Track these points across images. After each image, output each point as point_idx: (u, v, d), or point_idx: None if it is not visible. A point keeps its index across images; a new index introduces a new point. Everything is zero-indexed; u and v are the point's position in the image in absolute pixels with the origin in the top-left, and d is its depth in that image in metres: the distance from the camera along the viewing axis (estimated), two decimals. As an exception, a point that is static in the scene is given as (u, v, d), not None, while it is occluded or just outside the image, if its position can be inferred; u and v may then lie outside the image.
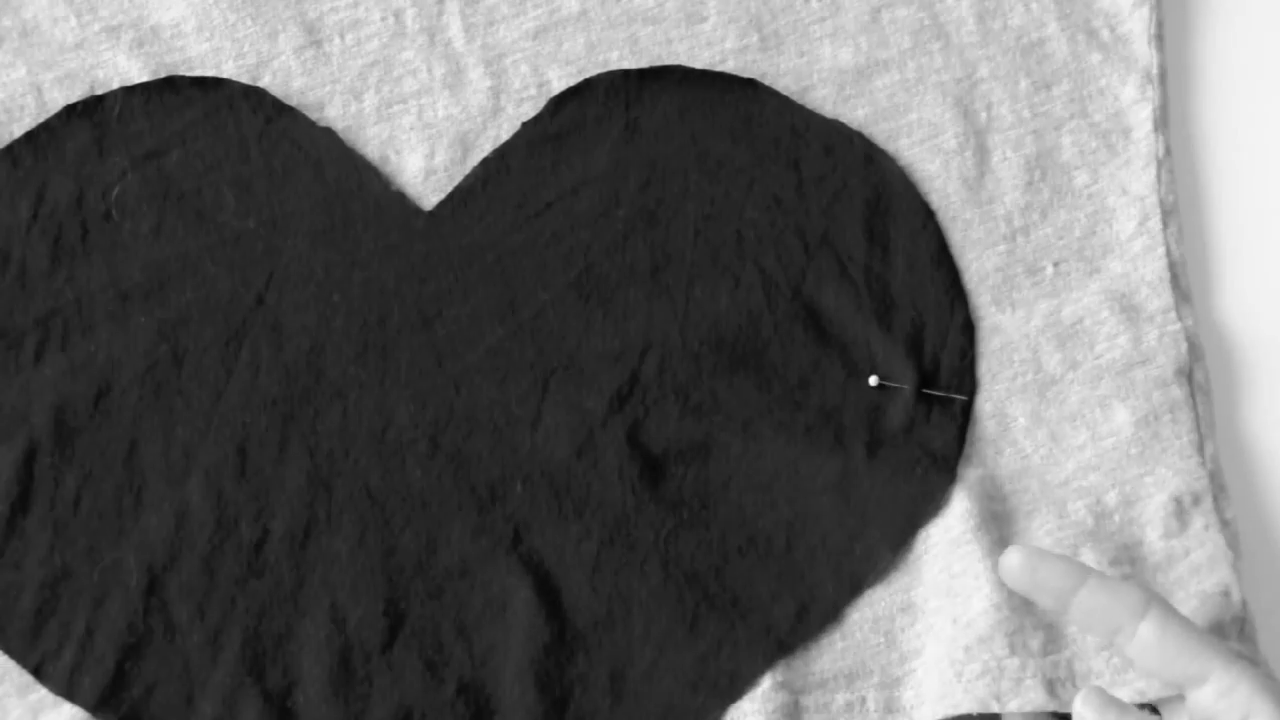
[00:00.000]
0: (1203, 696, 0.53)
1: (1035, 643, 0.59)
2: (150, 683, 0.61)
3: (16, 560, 0.62)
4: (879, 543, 0.62)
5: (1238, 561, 0.62)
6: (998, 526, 0.62)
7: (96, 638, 0.61)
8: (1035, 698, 0.57)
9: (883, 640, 0.61)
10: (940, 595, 0.60)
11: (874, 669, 0.60)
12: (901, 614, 0.61)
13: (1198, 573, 0.61)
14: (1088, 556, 0.61)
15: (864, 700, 0.59)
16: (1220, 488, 0.63)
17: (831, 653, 0.61)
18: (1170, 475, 0.62)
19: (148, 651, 0.61)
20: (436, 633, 0.62)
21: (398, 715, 0.60)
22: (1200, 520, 0.62)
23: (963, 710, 0.57)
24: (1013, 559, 0.55)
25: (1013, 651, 0.58)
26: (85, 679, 0.61)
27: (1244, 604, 0.61)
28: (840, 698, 0.59)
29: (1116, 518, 0.62)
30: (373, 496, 0.63)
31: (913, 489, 0.63)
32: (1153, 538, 0.62)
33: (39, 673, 0.61)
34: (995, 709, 0.58)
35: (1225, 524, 0.62)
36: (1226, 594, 0.60)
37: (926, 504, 0.63)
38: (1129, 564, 0.61)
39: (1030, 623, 0.59)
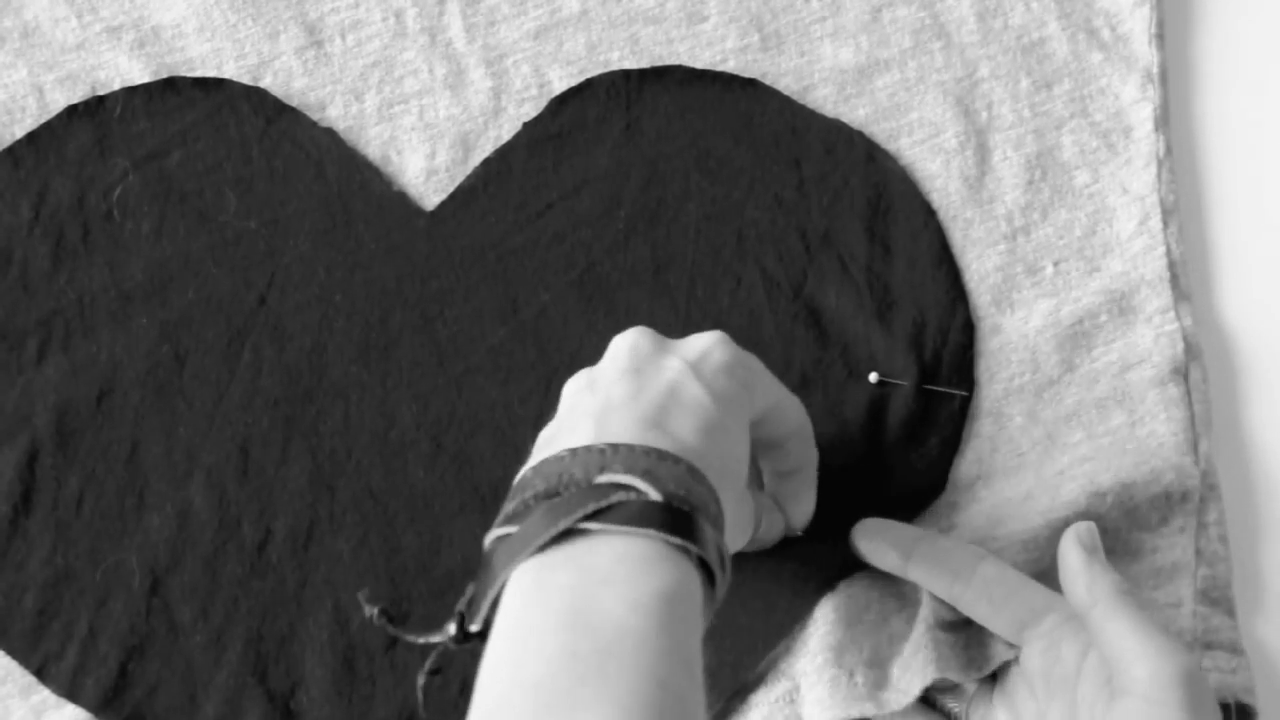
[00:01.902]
0: (1045, 625, 0.54)
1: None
2: (153, 683, 0.61)
3: (19, 561, 0.62)
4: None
5: (1204, 570, 0.62)
6: (991, 518, 0.62)
7: (99, 639, 0.61)
8: (1003, 650, 0.57)
9: (875, 617, 0.60)
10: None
11: (865, 644, 0.60)
12: (893, 599, 0.61)
13: (1157, 576, 0.61)
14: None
15: (852, 675, 0.59)
16: (1210, 488, 0.63)
17: (825, 625, 0.60)
18: (1165, 469, 0.62)
19: (151, 652, 0.61)
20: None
21: (401, 716, 0.60)
22: (1179, 520, 0.62)
23: (950, 675, 0.57)
24: (862, 526, 0.60)
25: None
26: (88, 680, 0.61)
27: (1196, 615, 0.60)
28: (828, 674, 0.59)
29: (1109, 498, 0.62)
30: (375, 497, 0.63)
31: (908, 483, 0.63)
32: (1127, 525, 0.62)
33: (42, 674, 0.61)
34: (976, 675, 0.57)
35: (1203, 527, 0.62)
36: (1179, 607, 0.60)
37: (921, 498, 0.63)
38: (1110, 555, 0.61)
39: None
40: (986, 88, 0.69)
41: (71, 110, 0.68)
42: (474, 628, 0.47)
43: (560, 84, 0.69)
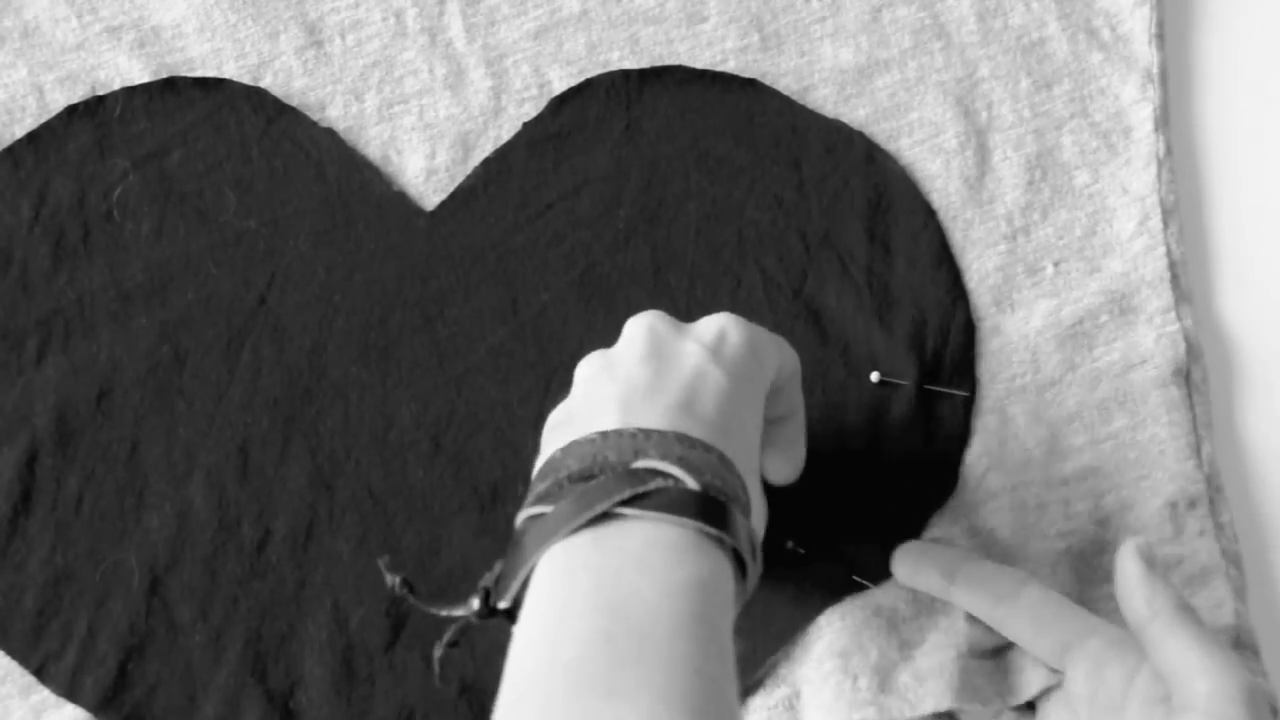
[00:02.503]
0: (1091, 647, 0.54)
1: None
2: (152, 683, 0.61)
3: (19, 561, 0.62)
4: (883, 540, 0.62)
5: (1231, 570, 0.62)
6: (1001, 531, 0.62)
7: (99, 638, 0.61)
8: (1041, 675, 0.57)
9: (884, 623, 0.61)
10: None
11: (871, 649, 0.60)
12: (905, 605, 0.61)
13: (1191, 583, 0.61)
14: (1084, 570, 0.62)
15: (856, 680, 0.59)
16: (1217, 490, 0.63)
17: (831, 631, 0.60)
18: (1167, 479, 0.63)
19: (150, 652, 0.61)
20: (439, 633, 0.61)
21: (401, 716, 0.60)
22: (1195, 525, 0.62)
23: (985, 698, 0.57)
24: (904, 549, 0.60)
25: (1022, 651, 0.59)
26: (87, 680, 0.61)
27: (1237, 614, 0.61)
28: (833, 680, 0.59)
29: (1114, 524, 0.62)
30: (375, 497, 0.63)
31: (915, 485, 0.63)
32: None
33: (41, 674, 0.61)
34: (1012, 702, 0.58)
35: (1220, 528, 0.63)
36: (1220, 607, 0.61)
37: (929, 501, 0.63)
38: None
39: None
40: (986, 88, 0.69)
41: (71, 110, 0.68)
42: (502, 605, 0.47)
43: (560, 84, 0.69)
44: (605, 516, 0.46)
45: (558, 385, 0.64)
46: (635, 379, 0.50)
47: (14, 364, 0.65)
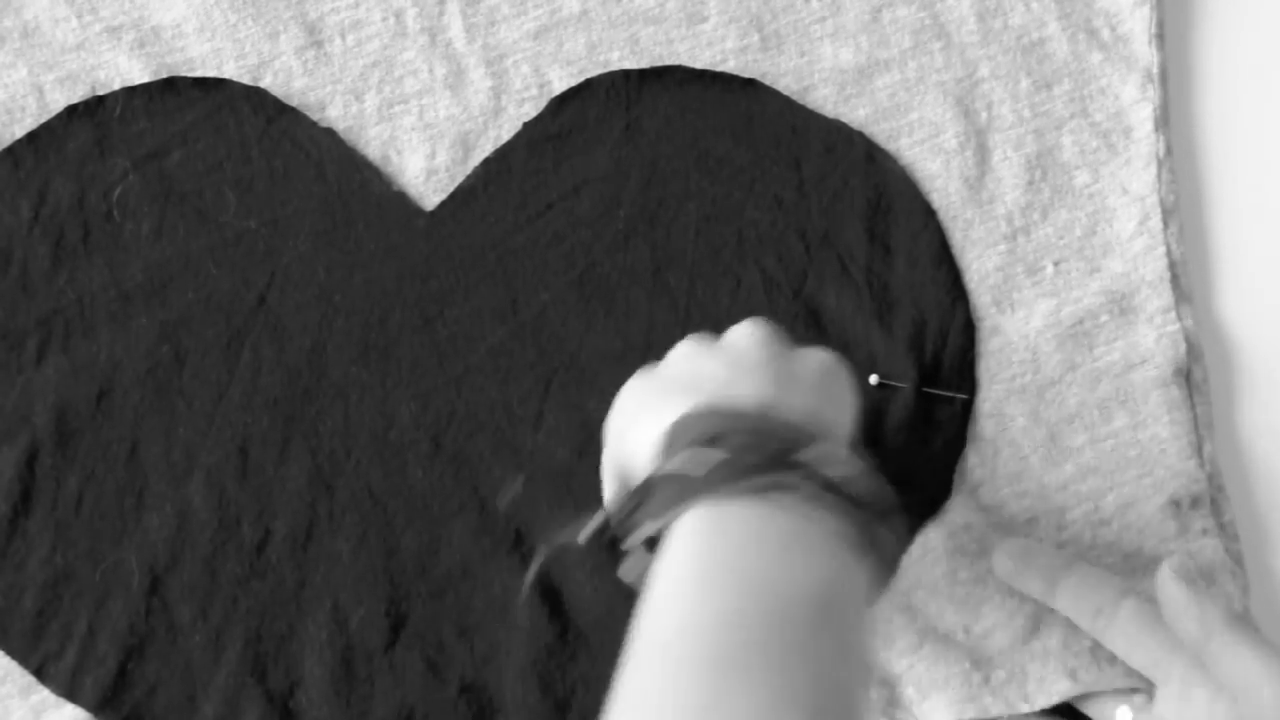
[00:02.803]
0: (1178, 665, 0.54)
1: (1054, 640, 0.59)
2: (152, 683, 0.61)
3: (18, 561, 0.62)
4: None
5: (1237, 569, 0.62)
6: (998, 535, 0.62)
7: (98, 638, 0.61)
8: (1062, 688, 0.57)
9: (879, 642, 0.61)
10: (941, 600, 0.61)
11: (873, 665, 0.60)
12: (900, 614, 0.61)
13: (1198, 581, 0.61)
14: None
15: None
16: (1218, 489, 0.63)
17: None
18: (1168, 477, 0.63)
19: (150, 652, 0.61)
20: (438, 633, 0.62)
21: (400, 715, 0.60)
22: (1199, 524, 0.62)
23: (991, 714, 0.57)
24: (1008, 546, 0.59)
25: (1033, 657, 0.59)
26: (87, 680, 0.61)
27: (1246, 613, 0.61)
28: None
29: (1114, 524, 0.62)
30: (374, 497, 0.63)
31: (913, 489, 0.63)
32: (1152, 544, 0.62)
33: (41, 674, 0.61)
34: (1024, 709, 0.58)
35: (1222, 527, 0.63)
36: (1229, 604, 0.61)
37: (927, 504, 0.63)
38: (1130, 574, 0.61)
39: (1046, 621, 0.59)
40: (986, 88, 0.69)
41: (71, 110, 0.68)
42: (625, 545, 0.48)
43: (560, 84, 0.69)
44: (756, 494, 0.46)
45: (558, 385, 0.64)
46: (764, 365, 0.51)
47: (14, 364, 0.65)
